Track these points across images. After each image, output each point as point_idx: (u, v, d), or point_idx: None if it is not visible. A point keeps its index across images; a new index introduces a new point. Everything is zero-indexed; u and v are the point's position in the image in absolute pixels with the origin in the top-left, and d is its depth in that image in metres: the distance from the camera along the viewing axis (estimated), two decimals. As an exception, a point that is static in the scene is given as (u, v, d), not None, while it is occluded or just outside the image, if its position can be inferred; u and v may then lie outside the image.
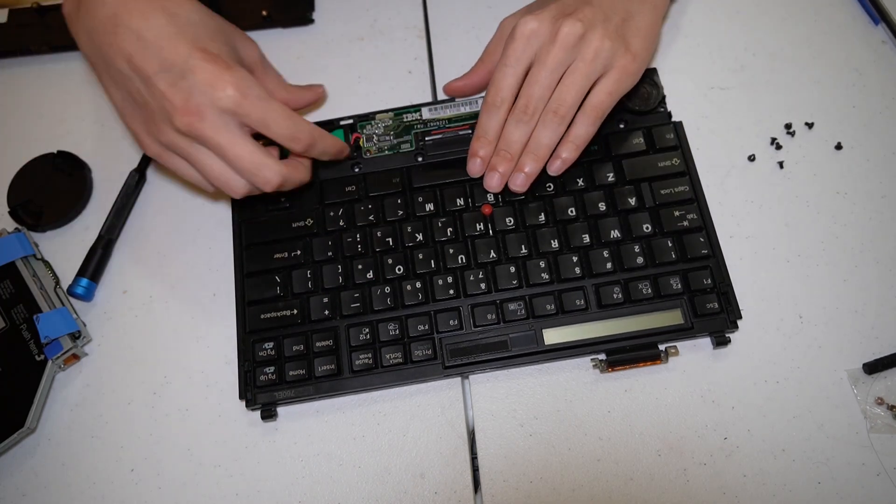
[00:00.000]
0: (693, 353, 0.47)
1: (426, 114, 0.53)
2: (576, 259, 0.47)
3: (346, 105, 0.55)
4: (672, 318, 0.46)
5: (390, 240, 0.49)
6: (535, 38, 0.45)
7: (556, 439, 0.45)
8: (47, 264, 0.51)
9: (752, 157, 0.52)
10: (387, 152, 0.52)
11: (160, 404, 0.48)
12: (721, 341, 0.46)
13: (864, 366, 0.45)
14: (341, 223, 0.49)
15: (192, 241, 0.53)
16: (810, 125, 0.52)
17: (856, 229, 0.49)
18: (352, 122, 0.53)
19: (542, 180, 0.49)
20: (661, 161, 0.49)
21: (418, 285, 0.47)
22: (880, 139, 0.51)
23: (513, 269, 0.47)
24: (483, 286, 0.47)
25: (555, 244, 0.48)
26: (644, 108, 0.51)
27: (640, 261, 0.47)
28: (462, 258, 0.48)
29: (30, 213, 0.53)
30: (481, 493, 0.44)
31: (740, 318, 0.46)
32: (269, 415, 0.46)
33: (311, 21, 0.59)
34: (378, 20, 0.59)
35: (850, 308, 0.47)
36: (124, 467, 0.46)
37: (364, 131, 0.52)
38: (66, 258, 0.52)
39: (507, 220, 0.49)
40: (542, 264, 0.47)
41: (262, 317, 0.48)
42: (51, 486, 0.46)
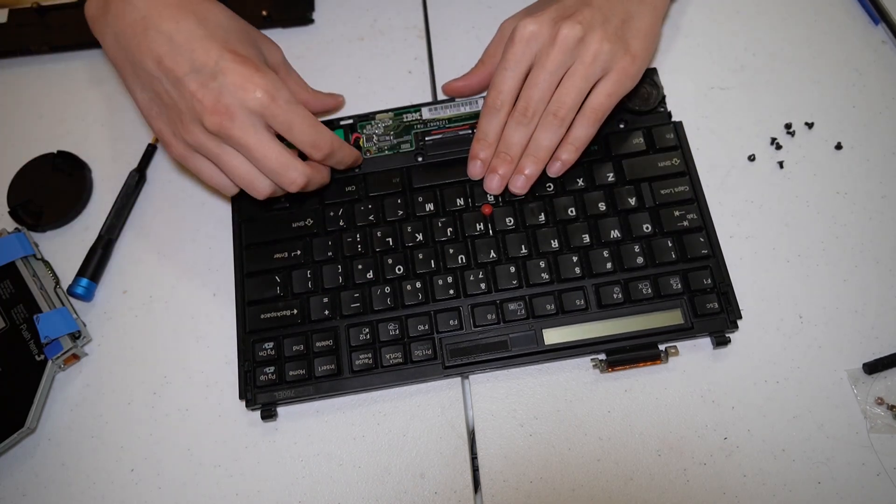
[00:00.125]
0: (693, 353, 0.47)
1: (426, 114, 0.53)
2: (576, 259, 0.47)
3: (346, 105, 0.55)
4: (672, 318, 0.46)
5: (390, 240, 0.49)
6: (534, 40, 0.45)
7: (556, 439, 0.45)
8: (47, 264, 0.51)
9: (752, 157, 0.52)
10: (387, 152, 0.52)
11: (160, 404, 0.48)
12: (721, 341, 0.46)
13: (864, 366, 0.45)
14: (341, 223, 0.49)
15: (192, 241, 0.53)
16: (810, 125, 0.52)
17: (856, 229, 0.49)
18: (352, 122, 0.53)
19: (543, 180, 0.49)
20: (661, 161, 0.49)
21: (418, 285, 0.47)
22: (880, 139, 0.51)
23: (513, 269, 0.47)
24: (483, 286, 0.47)
25: (555, 244, 0.48)
26: (644, 108, 0.51)
27: (640, 261, 0.47)
28: (462, 258, 0.48)
29: (30, 213, 0.53)
30: (481, 493, 0.44)
31: (740, 318, 0.46)
32: (269, 415, 0.46)
33: (311, 21, 0.59)
34: (378, 20, 0.59)
35: (850, 308, 0.47)
36: (124, 467, 0.46)
37: (364, 131, 0.52)
38: (66, 258, 0.52)
39: (507, 220, 0.49)
40: (542, 264, 0.47)
41: (262, 317, 0.48)
42: (51, 486, 0.46)
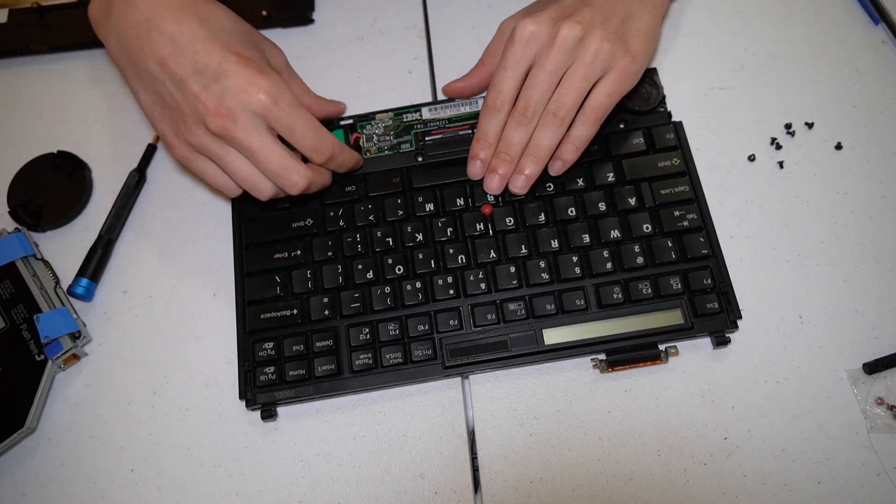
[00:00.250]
0: (693, 353, 0.47)
1: (426, 114, 0.53)
2: (576, 259, 0.47)
3: (346, 105, 0.55)
4: (672, 318, 0.46)
5: (390, 240, 0.49)
6: (534, 40, 0.45)
7: (556, 439, 0.45)
8: (47, 264, 0.51)
9: (752, 157, 0.52)
10: (387, 152, 0.52)
11: (160, 404, 0.48)
12: (721, 341, 0.46)
13: (864, 366, 0.45)
14: (341, 223, 0.49)
15: (192, 241, 0.53)
16: (810, 125, 0.52)
17: (856, 229, 0.49)
18: (352, 122, 0.53)
19: (543, 180, 0.49)
20: (661, 161, 0.49)
21: (418, 285, 0.47)
22: (880, 139, 0.51)
23: (513, 269, 0.47)
24: (483, 286, 0.47)
25: (555, 244, 0.48)
26: (644, 108, 0.51)
27: (640, 261, 0.47)
28: (462, 258, 0.48)
29: (30, 213, 0.53)
30: (481, 493, 0.44)
31: (740, 318, 0.46)
32: (269, 415, 0.46)
33: (311, 21, 0.59)
34: (378, 20, 0.59)
35: (850, 308, 0.47)
36: (124, 467, 0.46)
37: (364, 131, 0.52)
38: (66, 258, 0.52)
39: (507, 220, 0.49)
40: (542, 264, 0.47)
41: (262, 317, 0.48)
42: (51, 486, 0.46)
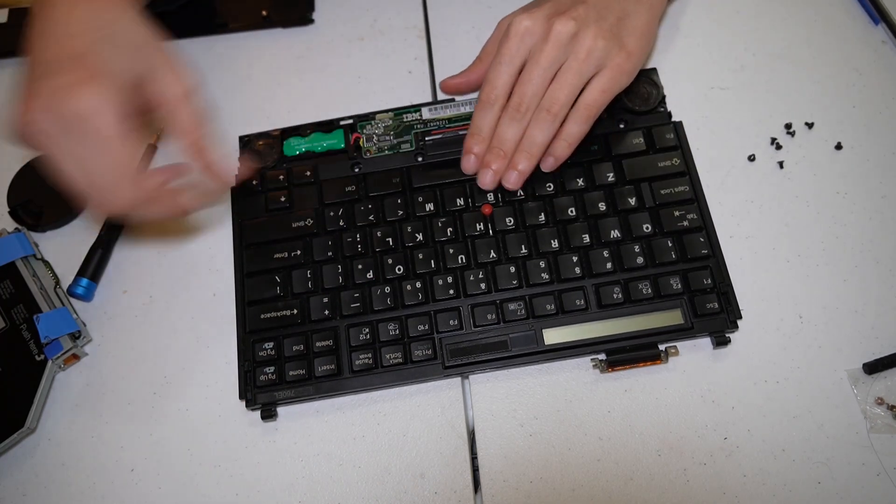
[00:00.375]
0: (693, 353, 0.47)
1: (426, 114, 0.53)
2: (576, 259, 0.47)
3: (346, 105, 0.55)
4: (672, 318, 0.46)
5: (390, 240, 0.49)
6: (528, 36, 0.45)
7: (556, 439, 0.45)
8: (47, 264, 0.51)
9: (752, 157, 0.52)
10: (387, 152, 0.52)
11: (160, 404, 0.48)
12: (721, 341, 0.46)
13: (864, 366, 0.45)
14: (341, 223, 0.49)
15: (192, 241, 0.53)
16: (810, 125, 0.52)
17: (856, 229, 0.49)
18: (352, 122, 0.53)
19: (543, 180, 0.49)
20: (661, 161, 0.49)
21: (418, 285, 0.47)
22: (880, 139, 0.51)
23: (513, 269, 0.47)
24: (483, 286, 0.47)
25: (555, 244, 0.48)
26: (644, 108, 0.51)
27: (640, 261, 0.47)
28: (462, 258, 0.48)
29: (30, 213, 0.53)
30: (481, 493, 0.44)
31: (740, 318, 0.46)
32: (269, 415, 0.46)
33: (310, 21, 0.59)
34: (378, 20, 0.59)
35: (850, 308, 0.47)
36: (124, 467, 0.46)
37: (364, 131, 0.52)
38: (66, 258, 0.52)
39: (507, 220, 0.48)
40: (542, 264, 0.47)
41: (262, 317, 0.48)
42: (51, 486, 0.46)
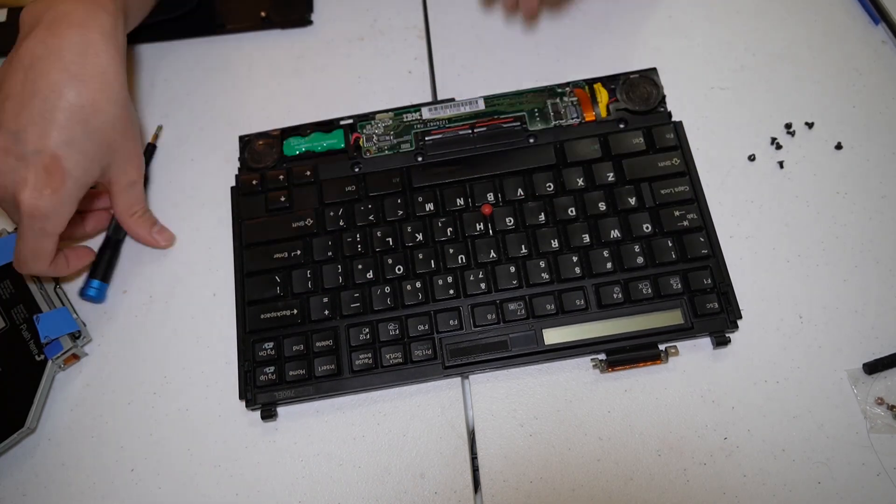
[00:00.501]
0: (693, 353, 0.47)
1: (426, 114, 0.53)
2: (576, 259, 0.47)
3: (346, 105, 0.55)
4: (672, 318, 0.46)
5: (390, 240, 0.49)
6: None
7: (556, 439, 0.45)
8: (47, 264, 0.51)
9: (752, 157, 0.52)
10: (387, 152, 0.52)
11: (160, 404, 0.48)
12: (721, 341, 0.46)
13: (864, 366, 0.45)
14: (341, 223, 0.49)
15: (193, 241, 0.53)
16: (810, 125, 0.52)
17: (856, 229, 0.49)
18: (352, 122, 0.53)
19: (542, 180, 0.49)
20: (661, 161, 0.49)
21: (418, 285, 0.47)
22: (880, 139, 0.51)
23: (513, 269, 0.47)
24: (483, 286, 0.47)
25: (555, 244, 0.48)
26: (644, 107, 0.51)
27: (640, 261, 0.47)
28: (462, 258, 0.48)
29: (30, 214, 0.53)
30: (481, 493, 0.44)
31: (740, 318, 0.46)
32: (269, 415, 0.46)
33: (309, 22, 0.59)
34: (378, 20, 0.59)
35: (850, 308, 0.47)
36: (124, 467, 0.46)
37: (364, 131, 0.52)
38: (66, 258, 0.52)
39: (507, 220, 0.49)
40: (542, 264, 0.47)
41: (262, 317, 0.48)
42: (51, 486, 0.46)
